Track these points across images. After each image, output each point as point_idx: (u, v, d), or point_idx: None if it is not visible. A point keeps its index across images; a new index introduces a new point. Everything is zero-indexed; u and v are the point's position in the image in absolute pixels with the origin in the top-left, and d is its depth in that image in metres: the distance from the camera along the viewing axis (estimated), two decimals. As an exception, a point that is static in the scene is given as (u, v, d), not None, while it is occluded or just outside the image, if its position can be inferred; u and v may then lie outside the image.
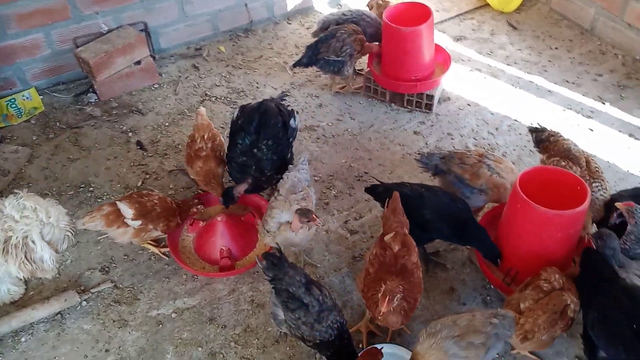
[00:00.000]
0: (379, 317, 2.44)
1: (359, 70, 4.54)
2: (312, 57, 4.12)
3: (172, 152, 3.92)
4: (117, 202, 3.02)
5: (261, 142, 3.21)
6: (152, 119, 4.19)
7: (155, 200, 3.09)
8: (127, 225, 3.01)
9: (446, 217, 2.87)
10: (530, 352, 2.70)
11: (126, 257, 3.27)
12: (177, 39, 4.86)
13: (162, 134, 4.06)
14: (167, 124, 4.15)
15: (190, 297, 3.06)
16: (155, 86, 4.51)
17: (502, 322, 2.35)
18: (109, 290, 3.10)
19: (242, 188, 3.27)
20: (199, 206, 3.27)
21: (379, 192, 3.08)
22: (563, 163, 2.98)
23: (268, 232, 2.91)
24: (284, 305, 2.47)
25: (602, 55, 4.71)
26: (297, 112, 3.43)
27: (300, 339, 2.53)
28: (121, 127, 4.12)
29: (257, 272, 3.14)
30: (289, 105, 3.52)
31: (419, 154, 3.41)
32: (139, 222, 3.01)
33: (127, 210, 2.99)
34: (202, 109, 3.50)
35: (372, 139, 4.02)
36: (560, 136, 3.21)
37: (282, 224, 2.87)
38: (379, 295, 2.38)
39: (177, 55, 4.83)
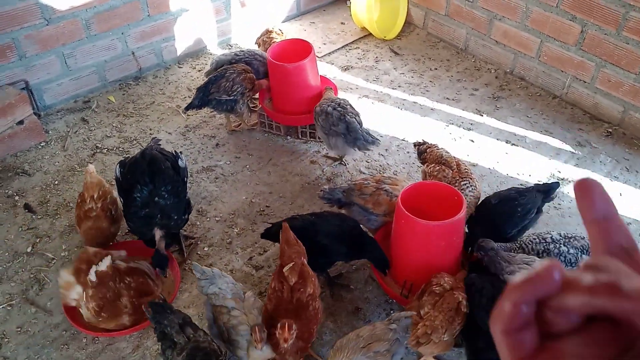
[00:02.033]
0: (282, 351, 2.46)
1: (252, 107, 4.61)
2: (204, 98, 4.15)
3: (63, 210, 3.77)
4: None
5: (159, 189, 3.19)
6: (40, 179, 4.02)
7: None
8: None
9: (340, 238, 2.98)
10: (435, 358, 2.81)
11: (19, 330, 3.07)
12: (63, 94, 4.73)
13: (51, 194, 3.90)
14: (56, 182, 4.00)
15: (92, 360, 2.93)
16: (42, 144, 4.34)
17: (400, 325, 2.46)
18: (1, 368, 2.90)
19: (162, 244, 3.20)
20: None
21: (273, 232, 3.11)
22: (437, 167, 3.30)
23: (240, 349, 2.61)
24: (161, 348, 2.49)
25: (477, 71, 5.10)
26: (181, 152, 3.43)
27: None
28: (6, 191, 3.92)
29: (162, 322, 3.06)
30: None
31: (321, 190, 3.49)
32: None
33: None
34: (91, 167, 3.40)
35: (272, 173, 4.09)
36: (435, 146, 3.56)
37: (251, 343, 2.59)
38: (277, 331, 2.41)
39: (64, 110, 4.69)
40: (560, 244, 2.95)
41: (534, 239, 3.01)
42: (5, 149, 4.20)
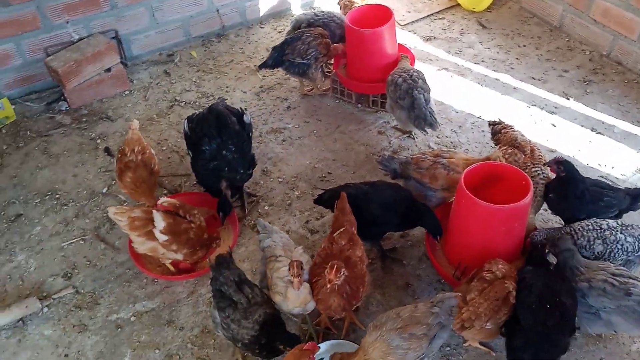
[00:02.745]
0: (325, 298, 2.51)
1: (326, 72, 4.58)
2: (278, 58, 4.17)
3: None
4: (154, 210, 2.98)
5: (226, 143, 3.27)
6: (121, 126, 4.24)
7: (192, 225, 3.04)
8: (152, 236, 2.96)
9: (392, 208, 2.96)
10: (481, 343, 2.73)
11: (88, 263, 3.31)
12: (149, 46, 4.92)
13: (130, 140, 4.10)
14: (135, 129, 4.20)
15: (149, 300, 3.10)
16: (125, 93, 4.56)
17: (443, 307, 2.40)
18: (70, 296, 3.14)
19: (228, 192, 3.31)
20: (217, 240, 3.21)
21: (326, 199, 3.13)
22: (510, 150, 3.18)
23: (278, 293, 2.65)
24: (217, 304, 2.53)
25: (570, 52, 4.75)
26: (246, 108, 3.48)
27: (232, 340, 2.56)
28: (90, 134, 4.17)
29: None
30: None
31: (380, 155, 3.45)
32: (165, 237, 2.96)
33: (159, 221, 2.95)
34: (135, 123, 3.48)
35: (338, 140, 4.06)
36: (511, 128, 3.42)
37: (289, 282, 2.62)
38: (326, 271, 2.45)
39: (149, 62, 4.88)
40: (617, 231, 2.75)
41: (587, 225, 2.81)
42: (93, 94, 4.46)
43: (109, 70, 4.47)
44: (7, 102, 4.35)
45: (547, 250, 2.77)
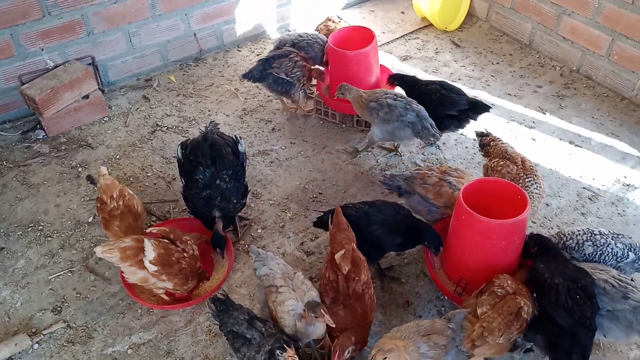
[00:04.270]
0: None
1: (309, 93, 4.61)
2: (263, 71, 4.13)
3: (123, 184, 3.86)
4: (145, 239, 2.90)
5: (221, 172, 3.24)
6: (102, 153, 4.15)
7: (185, 255, 2.97)
8: (142, 266, 2.88)
9: (394, 227, 2.96)
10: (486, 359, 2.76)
11: (79, 296, 3.20)
12: (126, 71, 4.86)
13: (113, 167, 4.02)
14: (118, 156, 4.11)
15: (146, 331, 3.01)
16: (105, 119, 4.47)
17: (456, 323, 2.42)
18: (62, 331, 3.02)
19: (220, 225, 3.27)
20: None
21: (325, 220, 3.10)
22: (502, 162, 3.26)
23: (287, 327, 2.61)
24: (232, 346, 2.51)
25: (541, 68, 4.93)
26: (241, 137, 3.46)
27: None
28: (71, 162, 4.06)
29: (214, 300, 3.12)
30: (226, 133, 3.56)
31: (382, 176, 3.48)
32: (154, 268, 2.87)
33: (150, 251, 2.86)
34: (103, 168, 3.31)
35: (325, 160, 4.08)
36: (500, 140, 3.51)
37: (298, 317, 2.59)
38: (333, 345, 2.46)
39: (127, 87, 4.81)
40: (608, 237, 2.85)
41: (578, 230, 2.91)
42: (71, 122, 4.35)
43: (87, 97, 4.39)
44: (-20, 132, 4.22)
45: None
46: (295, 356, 2.39)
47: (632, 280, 2.72)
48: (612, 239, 2.86)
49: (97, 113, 4.47)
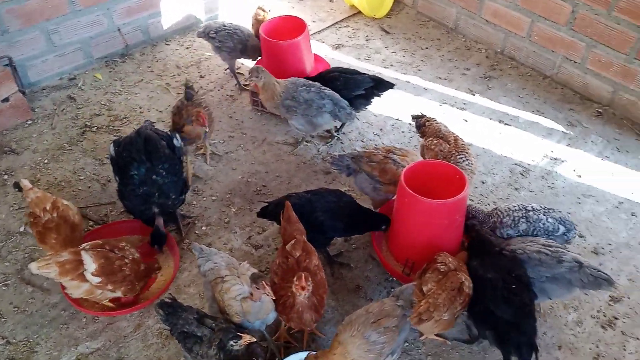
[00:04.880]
0: (299, 315, 2.50)
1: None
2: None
3: (55, 189, 3.69)
4: (82, 252, 2.75)
5: (157, 167, 3.14)
6: (29, 158, 3.92)
7: (126, 261, 2.84)
8: (84, 279, 2.74)
9: (337, 214, 3.02)
10: (437, 336, 2.86)
11: (16, 310, 3.03)
12: (48, 71, 4.60)
13: (42, 173, 3.81)
14: (46, 161, 3.90)
15: (93, 340, 2.90)
16: (28, 122, 4.22)
17: (405, 299, 2.49)
18: (1, 348, 2.85)
19: (161, 222, 3.17)
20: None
21: (270, 210, 3.13)
22: (435, 141, 3.39)
23: (235, 315, 2.60)
24: (184, 347, 2.48)
25: (468, 51, 5.11)
26: (176, 131, 3.39)
27: None
28: (-6, 170, 3.82)
29: (163, 302, 3.05)
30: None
31: (330, 156, 3.54)
32: (97, 280, 2.74)
33: (89, 263, 2.73)
34: (25, 182, 3.12)
35: (267, 152, 4.06)
36: (434, 120, 3.65)
37: (244, 299, 2.57)
38: (294, 282, 2.44)
39: (50, 88, 4.56)
40: (540, 212, 3.02)
41: (513, 206, 3.06)
42: (-9, 127, 4.09)
43: (6, 100, 4.12)
44: None
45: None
46: (253, 337, 2.39)
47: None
48: (544, 214, 3.01)
49: (20, 116, 4.21)
